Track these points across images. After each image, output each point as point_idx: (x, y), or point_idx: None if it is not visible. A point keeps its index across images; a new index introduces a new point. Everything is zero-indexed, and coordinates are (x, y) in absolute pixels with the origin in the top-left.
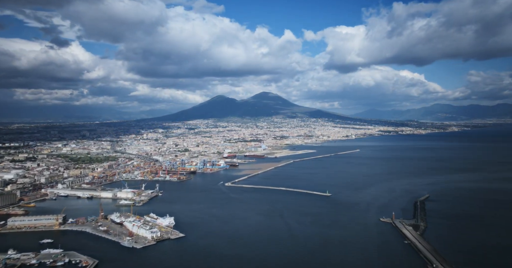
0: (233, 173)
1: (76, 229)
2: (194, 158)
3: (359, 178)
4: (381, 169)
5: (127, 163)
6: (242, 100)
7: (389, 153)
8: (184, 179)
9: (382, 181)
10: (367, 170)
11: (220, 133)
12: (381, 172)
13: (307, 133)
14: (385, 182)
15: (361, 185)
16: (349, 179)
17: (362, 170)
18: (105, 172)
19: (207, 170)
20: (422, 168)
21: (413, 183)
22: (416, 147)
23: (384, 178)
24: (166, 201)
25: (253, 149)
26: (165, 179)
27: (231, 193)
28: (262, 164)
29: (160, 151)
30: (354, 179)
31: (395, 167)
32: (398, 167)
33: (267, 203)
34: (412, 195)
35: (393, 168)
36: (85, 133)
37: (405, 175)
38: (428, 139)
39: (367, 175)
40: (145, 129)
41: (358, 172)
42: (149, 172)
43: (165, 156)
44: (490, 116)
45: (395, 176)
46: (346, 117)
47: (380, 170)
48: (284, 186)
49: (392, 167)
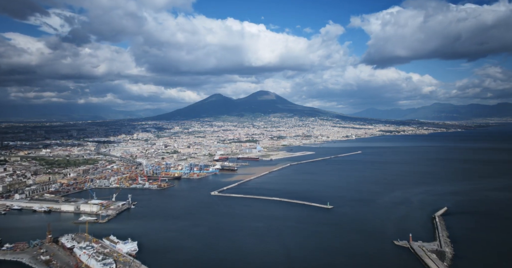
0: (222, 179)
1: (11, 258)
2: (183, 161)
3: (363, 185)
4: (388, 174)
5: (107, 166)
6: (239, 99)
7: (394, 156)
8: (166, 186)
9: (391, 189)
10: (372, 176)
11: (215, 133)
12: (388, 178)
13: (305, 133)
14: (394, 191)
15: (366, 194)
16: (353, 186)
17: (367, 176)
18: (77, 178)
19: (194, 175)
20: (434, 173)
21: (427, 191)
22: (422, 148)
23: (392, 185)
24: (137, 217)
25: (247, 151)
26: (143, 186)
27: (218, 205)
28: (256, 168)
29: (147, 153)
30: (359, 187)
31: (403, 172)
32: (407, 172)
33: (260, 218)
34: (428, 208)
35: (402, 174)
36: (73, 133)
37: (416, 182)
38: (433, 140)
39: (372, 182)
40: (137, 129)
41: (362, 178)
42: (126, 178)
43: (150, 158)
44: (491, 115)
45: (405, 183)
46: (346, 117)
47: (387, 175)
48: (278, 195)
49: (400, 172)
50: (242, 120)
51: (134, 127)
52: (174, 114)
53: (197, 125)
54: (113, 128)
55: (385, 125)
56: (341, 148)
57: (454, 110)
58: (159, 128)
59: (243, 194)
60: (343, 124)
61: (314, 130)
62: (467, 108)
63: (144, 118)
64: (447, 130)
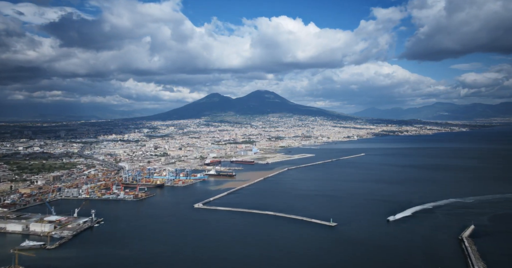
0: (210, 187)
1: None
2: (170, 165)
3: (371, 195)
4: (397, 182)
5: (84, 171)
6: (238, 98)
7: (402, 159)
8: (144, 196)
9: (404, 201)
10: (380, 184)
11: (210, 133)
12: (399, 187)
13: (305, 133)
14: (408, 203)
15: (375, 207)
16: (359, 197)
17: (375, 183)
18: (44, 186)
19: (179, 182)
20: (451, 181)
21: (447, 204)
22: (430, 150)
23: (405, 196)
24: (98, 240)
25: (242, 153)
26: (117, 197)
27: (201, 221)
28: (250, 173)
29: (134, 155)
30: (365, 197)
31: (415, 180)
32: (420, 180)
33: (249, 240)
34: (452, 226)
35: (413, 181)
36: (61, 133)
37: (432, 192)
38: (439, 140)
39: (381, 192)
40: (130, 129)
41: (370, 185)
42: (101, 187)
43: (135, 162)
44: (493, 115)
45: (418, 193)
46: (346, 116)
47: (397, 184)
48: (273, 208)
49: (412, 179)
50: (240, 120)
51: (128, 127)
52: (171, 114)
53: (193, 126)
54: (106, 129)
55: (387, 125)
56: (343, 149)
57: (456, 109)
58: (153, 129)
59: (232, 206)
60: (344, 124)
61: (314, 131)
62: (469, 107)
63: (139, 118)
64: (452, 130)
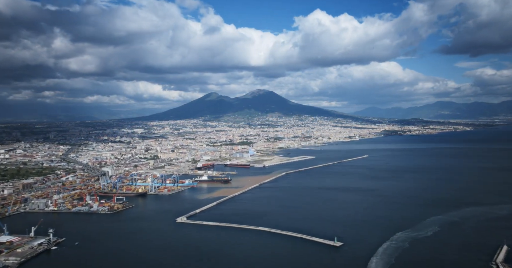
0: (198, 195)
1: None
2: (159, 169)
3: (380, 205)
4: (408, 188)
5: (62, 178)
6: (237, 98)
7: (409, 160)
8: (121, 208)
9: (418, 213)
10: (389, 191)
11: (207, 134)
12: (410, 195)
13: (305, 133)
14: (425, 214)
15: (386, 221)
16: (366, 207)
17: (384, 191)
18: (8, 196)
19: (164, 190)
20: (474, 188)
21: (471, 217)
22: (438, 150)
23: (419, 207)
24: None
25: (238, 155)
26: (90, 209)
27: (181, 240)
28: (244, 178)
29: (122, 158)
30: (374, 208)
31: (430, 186)
32: (437, 185)
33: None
34: (481, 245)
35: (429, 188)
36: (50, 135)
37: (451, 201)
38: (445, 140)
39: (391, 201)
40: (124, 130)
41: (377, 194)
42: (75, 196)
43: (120, 166)
44: (495, 114)
45: (437, 202)
46: (347, 116)
47: (408, 190)
48: (268, 222)
49: (426, 185)
50: (238, 120)
51: (122, 127)
52: (168, 114)
53: (190, 126)
54: (99, 129)
55: (388, 125)
56: (345, 150)
57: (457, 108)
58: (148, 129)
59: (220, 220)
60: (344, 124)
61: (314, 131)
62: (470, 106)
63: (136, 118)
64: (456, 130)
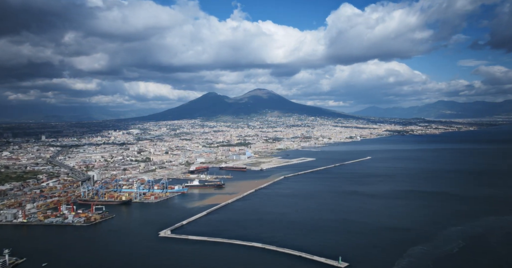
0: (187, 203)
1: None
2: (149, 173)
3: (388, 213)
4: (423, 195)
5: (43, 183)
6: (235, 97)
7: (417, 163)
8: (99, 219)
9: (440, 225)
10: (397, 198)
11: (204, 134)
12: (426, 203)
13: (304, 134)
14: (441, 227)
15: (398, 235)
16: (372, 216)
17: (388, 196)
18: None
19: (151, 197)
20: (497, 197)
21: (501, 226)
22: (446, 151)
23: (433, 217)
24: None
25: (234, 157)
26: (64, 220)
27: (162, 261)
28: (240, 183)
29: (112, 161)
30: (387, 221)
31: (446, 192)
32: (454, 191)
33: None
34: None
35: (444, 194)
36: (42, 136)
37: (470, 210)
38: (451, 141)
39: (399, 209)
40: (120, 131)
41: (384, 200)
42: (50, 205)
43: (108, 169)
44: (497, 113)
45: (459, 212)
46: (347, 115)
47: (424, 198)
48: (262, 237)
49: (441, 191)
50: (237, 120)
51: (118, 128)
52: (166, 114)
53: (188, 126)
54: (94, 130)
55: (390, 125)
56: (346, 152)
57: (459, 108)
58: (144, 130)
59: (209, 234)
60: (345, 123)
61: (314, 131)
62: (472, 105)
63: (133, 118)
64: (459, 129)
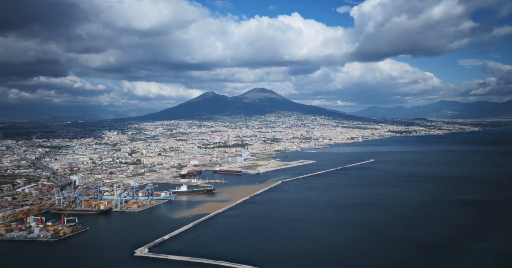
0: (174, 213)
1: None
2: (137, 177)
3: (403, 232)
4: (428, 202)
5: (19, 188)
6: (234, 97)
7: (426, 165)
8: (69, 233)
9: (455, 236)
10: (408, 209)
11: (201, 135)
12: (435, 214)
13: (304, 134)
14: (472, 241)
15: (416, 253)
16: (381, 234)
17: (403, 208)
18: None
19: (133, 206)
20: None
21: None
22: (458, 153)
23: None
24: None
25: (230, 159)
26: (29, 235)
27: None
28: (234, 189)
29: (101, 163)
30: (399, 234)
31: (466, 201)
32: (478, 201)
33: None
34: None
35: (465, 204)
36: (33, 136)
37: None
38: (457, 142)
39: (415, 223)
40: (115, 130)
41: (396, 212)
42: (18, 215)
43: (94, 172)
44: (500, 113)
45: (490, 226)
46: (348, 115)
47: (436, 209)
48: (253, 258)
49: (461, 199)
50: (236, 120)
51: (114, 128)
52: (163, 113)
53: (185, 126)
54: (89, 130)
55: (392, 125)
56: (348, 154)
57: (461, 108)
58: (140, 130)
59: (192, 253)
60: (346, 124)
61: (315, 131)
62: (474, 105)
63: (130, 118)
64: (463, 130)
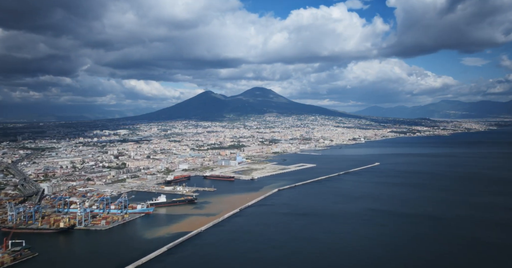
0: (146, 232)
1: None
2: (117, 184)
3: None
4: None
5: None
6: (233, 96)
7: (441, 169)
8: (9, 262)
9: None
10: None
11: (196, 135)
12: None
13: (304, 135)
14: None
15: None
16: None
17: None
18: None
19: (101, 222)
20: None
21: None
22: (471, 156)
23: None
24: None
25: (223, 163)
26: None
27: None
28: (223, 198)
29: (82, 167)
30: (420, 257)
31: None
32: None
33: None
34: None
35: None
36: (19, 137)
37: None
38: (465, 142)
39: (443, 241)
40: (106, 131)
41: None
42: None
43: (69, 179)
44: (503, 113)
45: None
46: (349, 115)
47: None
48: None
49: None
50: (233, 120)
51: (107, 128)
52: (160, 113)
53: (181, 126)
54: (80, 130)
55: (395, 125)
56: (351, 156)
57: (464, 107)
58: (134, 130)
59: None
60: (347, 124)
61: (315, 132)
62: (477, 105)
63: (125, 118)
64: (468, 130)
